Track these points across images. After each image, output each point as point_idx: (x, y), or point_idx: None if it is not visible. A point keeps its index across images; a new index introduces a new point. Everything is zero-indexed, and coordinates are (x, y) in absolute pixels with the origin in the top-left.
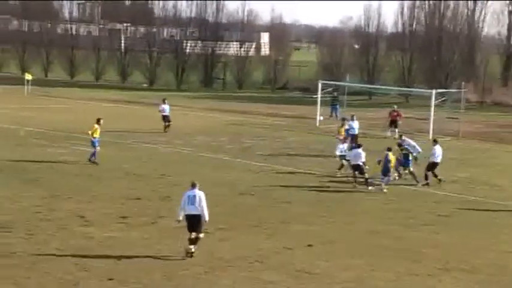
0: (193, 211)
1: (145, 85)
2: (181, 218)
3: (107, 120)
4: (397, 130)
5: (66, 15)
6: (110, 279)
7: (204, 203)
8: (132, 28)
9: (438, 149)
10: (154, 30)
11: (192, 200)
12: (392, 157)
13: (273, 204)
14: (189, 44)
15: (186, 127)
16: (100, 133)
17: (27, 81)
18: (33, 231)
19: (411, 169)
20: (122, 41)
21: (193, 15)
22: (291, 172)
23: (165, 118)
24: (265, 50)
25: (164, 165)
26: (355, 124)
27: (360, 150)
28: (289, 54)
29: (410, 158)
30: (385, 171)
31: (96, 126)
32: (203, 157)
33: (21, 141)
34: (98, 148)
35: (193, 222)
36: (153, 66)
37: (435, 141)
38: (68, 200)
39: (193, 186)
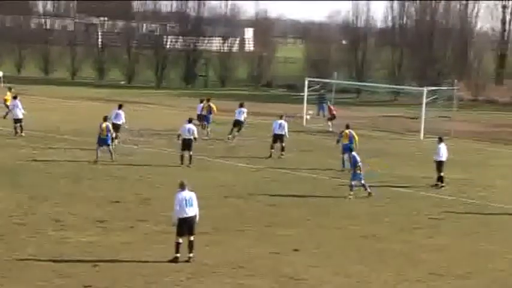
0: (191, 213)
1: (123, 82)
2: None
3: (86, 119)
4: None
5: (40, 9)
6: (87, 286)
7: (196, 204)
8: (110, 23)
9: (443, 148)
10: (133, 25)
11: (190, 202)
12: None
13: (259, 207)
14: (169, 40)
15: (162, 126)
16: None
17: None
18: (8, 236)
19: None
20: (99, 37)
21: (173, 9)
22: (280, 173)
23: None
24: (249, 46)
25: (145, 168)
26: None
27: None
28: (274, 50)
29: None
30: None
31: None
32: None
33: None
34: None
35: (190, 225)
36: (132, 63)
37: (440, 140)
38: (43, 202)
39: (183, 187)
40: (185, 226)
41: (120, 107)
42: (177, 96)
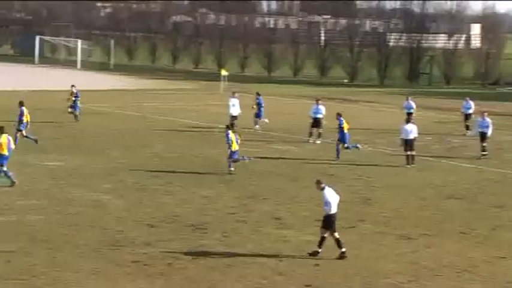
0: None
1: (345, 81)
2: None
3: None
4: None
5: (264, 8)
6: (307, 286)
7: None
8: (332, 21)
9: None
10: (356, 22)
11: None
12: None
13: (482, 209)
14: (392, 37)
15: (383, 125)
16: None
17: (223, 77)
18: (229, 233)
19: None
20: (322, 34)
21: (397, 6)
22: (503, 174)
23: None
24: (475, 43)
25: (363, 168)
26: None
27: None
28: (503, 46)
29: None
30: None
31: None
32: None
33: (219, 139)
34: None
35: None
36: (354, 61)
37: None
38: (263, 201)
39: (324, 183)
40: (335, 222)
41: (317, 101)
42: (399, 94)
